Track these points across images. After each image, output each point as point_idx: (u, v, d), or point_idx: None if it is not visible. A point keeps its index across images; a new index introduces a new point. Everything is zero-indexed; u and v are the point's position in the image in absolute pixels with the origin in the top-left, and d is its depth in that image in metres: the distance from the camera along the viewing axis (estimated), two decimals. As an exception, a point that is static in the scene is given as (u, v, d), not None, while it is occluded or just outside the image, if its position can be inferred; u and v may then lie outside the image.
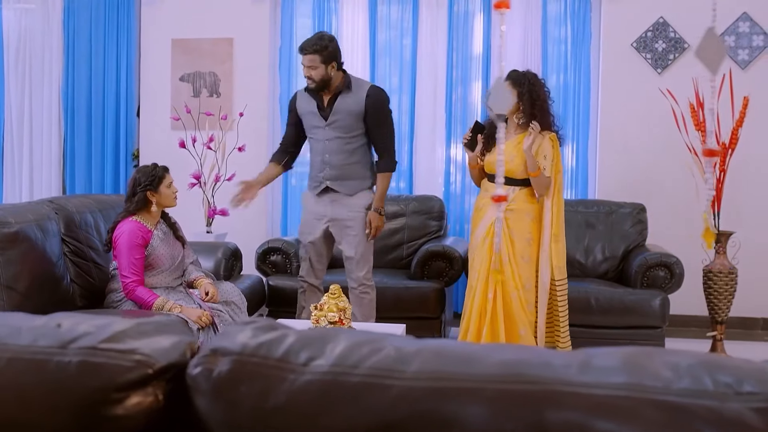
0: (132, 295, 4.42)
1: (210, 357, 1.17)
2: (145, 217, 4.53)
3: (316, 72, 4.80)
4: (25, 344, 1.20)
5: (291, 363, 1.15)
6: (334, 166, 4.92)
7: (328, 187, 4.96)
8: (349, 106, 4.87)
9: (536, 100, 4.74)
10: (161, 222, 4.66)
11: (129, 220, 4.50)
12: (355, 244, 4.94)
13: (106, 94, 6.92)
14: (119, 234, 4.48)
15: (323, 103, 4.92)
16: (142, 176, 4.54)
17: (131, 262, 4.43)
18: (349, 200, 4.94)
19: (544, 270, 4.79)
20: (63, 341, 1.20)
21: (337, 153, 4.91)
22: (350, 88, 4.88)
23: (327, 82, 4.85)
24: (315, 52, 4.80)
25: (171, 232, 4.69)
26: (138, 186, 4.52)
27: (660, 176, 6.37)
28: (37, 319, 1.28)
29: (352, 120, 4.88)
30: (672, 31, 6.38)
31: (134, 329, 1.24)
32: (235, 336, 1.21)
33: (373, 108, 4.88)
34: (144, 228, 4.50)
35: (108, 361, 1.17)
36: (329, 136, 4.91)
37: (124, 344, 1.20)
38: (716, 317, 5.61)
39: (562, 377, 1.08)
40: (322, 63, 4.80)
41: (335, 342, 1.19)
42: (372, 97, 4.89)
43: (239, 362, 1.16)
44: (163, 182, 4.56)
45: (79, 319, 1.28)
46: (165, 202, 4.60)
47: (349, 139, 4.90)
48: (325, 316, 4.07)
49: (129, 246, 4.42)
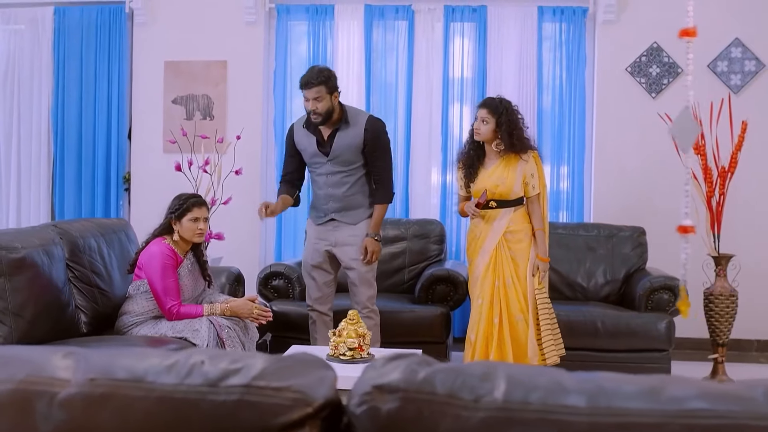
0: (177, 316, 4.42)
1: (374, 394, 1.13)
2: (175, 243, 4.49)
3: (322, 104, 4.77)
4: (173, 383, 1.15)
5: (461, 399, 1.11)
6: (338, 199, 4.94)
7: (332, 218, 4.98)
8: (349, 140, 4.86)
9: (513, 129, 4.82)
10: (190, 254, 4.60)
11: (160, 241, 4.45)
12: (356, 268, 4.92)
13: (97, 116, 6.81)
14: (149, 255, 4.43)
15: (323, 138, 4.90)
16: (175, 202, 4.53)
17: (169, 286, 4.41)
18: (352, 228, 4.96)
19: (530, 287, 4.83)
20: (212, 379, 1.15)
21: (339, 186, 4.92)
22: (348, 122, 4.87)
23: (331, 113, 4.83)
24: (321, 83, 4.77)
25: (198, 267, 4.63)
26: (168, 211, 4.49)
27: (656, 199, 6.42)
28: (172, 356, 1.22)
29: (352, 154, 4.89)
30: (666, 56, 6.46)
31: (279, 365, 1.19)
32: (390, 372, 1.17)
33: (372, 141, 4.89)
34: (174, 251, 4.45)
35: (265, 399, 1.12)
36: (330, 171, 4.91)
37: (278, 381, 1.15)
38: (717, 340, 5.64)
39: (751, 410, 1.05)
40: (327, 93, 4.79)
41: (496, 376, 1.15)
42: (370, 130, 4.90)
43: (407, 399, 1.11)
44: (187, 215, 4.50)
45: (214, 354, 1.23)
46: (185, 234, 4.53)
47: (350, 171, 4.92)
48: (344, 342, 4.02)
49: (163, 267, 4.38)
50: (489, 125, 4.85)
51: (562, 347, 4.93)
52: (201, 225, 4.54)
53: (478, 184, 4.90)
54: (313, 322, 5.07)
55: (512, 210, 4.89)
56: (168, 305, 4.41)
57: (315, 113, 4.79)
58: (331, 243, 4.97)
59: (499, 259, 4.87)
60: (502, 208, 4.88)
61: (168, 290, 4.41)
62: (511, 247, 4.87)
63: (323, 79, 4.78)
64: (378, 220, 4.96)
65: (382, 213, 4.99)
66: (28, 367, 1.20)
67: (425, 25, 6.69)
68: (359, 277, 4.93)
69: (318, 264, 5.01)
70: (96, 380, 1.16)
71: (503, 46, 6.63)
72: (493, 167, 4.89)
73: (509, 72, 6.63)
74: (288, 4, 6.75)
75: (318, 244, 5.00)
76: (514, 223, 4.88)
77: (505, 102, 4.91)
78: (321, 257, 5.00)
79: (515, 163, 4.86)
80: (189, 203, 4.53)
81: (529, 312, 4.82)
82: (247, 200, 6.67)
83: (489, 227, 4.90)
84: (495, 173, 4.86)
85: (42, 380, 1.17)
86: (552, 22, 6.62)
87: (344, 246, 4.94)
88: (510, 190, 4.84)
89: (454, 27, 6.65)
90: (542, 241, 4.84)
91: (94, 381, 1.16)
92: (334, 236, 4.97)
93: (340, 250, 4.96)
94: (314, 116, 4.81)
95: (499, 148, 4.87)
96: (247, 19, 6.73)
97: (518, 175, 4.84)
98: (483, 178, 4.89)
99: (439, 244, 6.17)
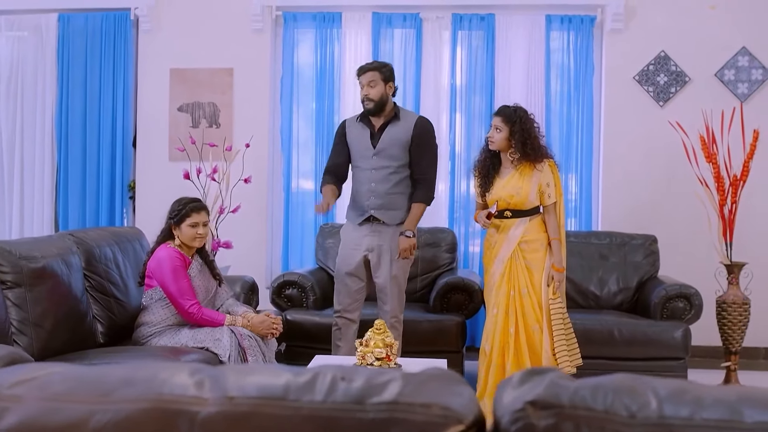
0: (199, 318, 4.37)
1: (529, 411, 1.10)
2: (179, 246, 4.45)
3: (375, 90, 4.80)
4: (318, 401, 1.11)
5: (617, 415, 1.08)
6: (380, 195, 4.88)
7: (371, 216, 4.90)
8: (398, 135, 4.86)
9: (527, 138, 4.79)
10: (197, 256, 4.54)
11: (166, 246, 4.41)
12: (388, 272, 4.87)
13: (102, 124, 6.74)
14: (158, 261, 4.38)
15: (374, 130, 4.90)
16: (174, 207, 4.48)
17: (183, 287, 4.36)
18: (390, 230, 4.88)
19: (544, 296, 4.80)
20: (357, 396, 1.12)
21: (382, 182, 4.87)
22: (399, 118, 4.90)
23: (383, 104, 4.85)
24: (375, 69, 4.85)
25: (207, 268, 4.58)
26: (168, 216, 4.45)
27: (665, 207, 6.44)
28: (305, 372, 1.19)
29: (399, 150, 4.87)
30: (673, 65, 6.48)
31: (417, 381, 1.16)
32: (534, 388, 1.14)
33: (420, 138, 4.88)
34: (181, 253, 4.41)
35: (415, 417, 1.09)
36: (375, 165, 4.88)
37: (423, 398, 1.12)
38: (730, 347, 5.65)
39: None
40: (382, 80, 4.82)
41: (645, 390, 1.13)
42: (419, 127, 4.90)
43: (563, 415, 1.08)
44: (186, 220, 4.45)
45: (348, 371, 1.19)
46: (185, 239, 4.48)
47: (395, 168, 4.88)
48: (372, 353, 3.98)
49: (173, 270, 4.33)
50: (502, 133, 4.82)
51: (579, 357, 4.89)
52: (200, 230, 4.47)
53: (493, 193, 4.88)
54: (338, 328, 4.98)
55: (528, 220, 4.86)
56: (186, 306, 4.35)
57: (368, 99, 4.82)
58: (367, 248, 4.92)
59: (514, 268, 4.84)
60: (518, 218, 4.86)
61: (183, 291, 4.36)
62: (526, 256, 4.84)
63: (377, 66, 4.88)
64: (414, 218, 4.87)
65: (420, 213, 4.91)
66: (158, 386, 1.16)
67: (433, 33, 6.68)
68: (389, 284, 4.86)
69: (352, 271, 4.95)
70: (235, 399, 1.12)
71: (511, 55, 6.63)
72: (509, 177, 4.86)
73: (517, 80, 6.62)
74: (295, 12, 6.72)
75: (355, 250, 4.94)
76: (529, 233, 4.85)
77: (520, 110, 4.88)
78: (356, 264, 4.93)
79: (530, 172, 4.83)
80: (188, 208, 4.48)
81: (544, 321, 4.79)
82: (254, 208, 6.63)
83: (504, 236, 4.87)
84: (510, 183, 4.83)
85: (179, 399, 1.13)
86: (560, 31, 6.63)
87: (381, 252, 4.87)
88: (525, 199, 4.81)
89: (461, 35, 6.64)
90: (558, 250, 4.81)
91: (234, 400, 1.12)
92: (371, 241, 4.90)
93: (375, 256, 4.89)
94: (367, 102, 4.83)
95: (514, 156, 4.85)
96: (254, 26, 6.69)
97: (533, 185, 4.80)
98: (498, 187, 4.86)
99: (450, 252, 6.15)
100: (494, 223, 4.91)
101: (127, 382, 1.19)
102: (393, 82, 4.89)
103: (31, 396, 1.19)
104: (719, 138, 5.81)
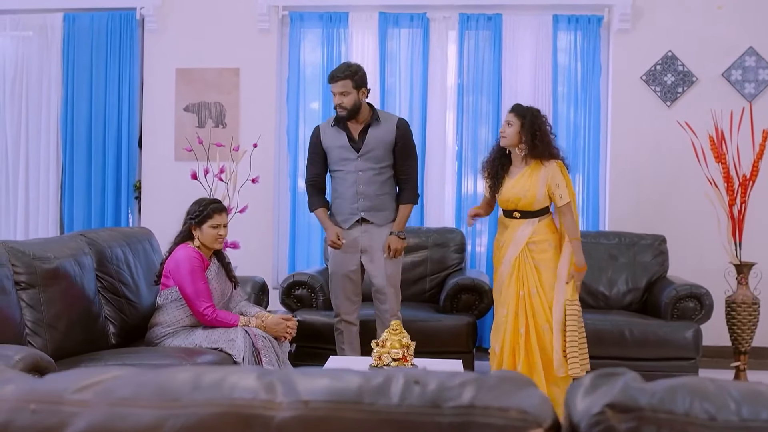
0: (213, 320, 4.36)
1: (608, 414, 1.09)
2: (200, 247, 4.44)
3: (347, 99, 4.79)
4: (394, 404, 1.10)
5: (697, 418, 1.07)
6: (370, 197, 4.90)
7: (361, 218, 4.92)
8: (381, 136, 4.88)
9: (536, 132, 4.77)
10: (213, 258, 4.53)
11: (186, 246, 4.40)
12: (383, 272, 4.89)
13: (107, 124, 6.70)
14: (176, 261, 4.36)
15: (353, 134, 4.87)
16: (194, 208, 4.46)
17: (200, 289, 4.36)
18: (380, 230, 4.92)
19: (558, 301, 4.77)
20: (432, 400, 1.11)
21: (369, 184, 4.89)
22: (379, 120, 4.91)
23: (357, 110, 4.84)
24: (347, 77, 4.81)
25: (224, 270, 4.57)
26: (187, 216, 4.44)
27: (671, 207, 6.44)
28: (376, 375, 1.17)
29: (383, 151, 4.89)
30: (680, 65, 6.48)
31: (489, 384, 1.15)
32: (610, 390, 1.13)
33: (403, 139, 4.94)
34: (201, 255, 4.40)
35: (493, 420, 1.08)
36: (361, 168, 4.88)
37: (499, 402, 1.11)
38: (739, 347, 5.66)
39: None
40: (354, 89, 4.81)
41: (720, 392, 1.12)
42: (402, 128, 4.95)
43: (643, 418, 1.07)
44: (208, 221, 4.45)
45: (416, 373, 1.18)
46: (205, 241, 4.47)
47: (380, 169, 4.90)
48: (388, 353, 3.97)
49: (191, 271, 4.32)
50: (513, 127, 4.81)
51: (587, 362, 4.86)
52: (221, 231, 4.49)
53: (502, 194, 4.87)
54: (339, 332, 5.02)
55: (536, 220, 4.84)
56: (202, 308, 4.35)
57: (340, 107, 4.81)
58: (362, 248, 4.93)
59: (522, 268, 4.82)
60: (526, 219, 4.84)
61: (199, 293, 4.36)
62: (535, 257, 4.82)
63: (349, 74, 4.81)
64: (402, 219, 4.95)
65: (407, 213, 4.99)
66: (227, 390, 1.15)
67: (440, 33, 6.67)
68: (386, 283, 4.89)
69: (348, 274, 4.96)
70: (310, 403, 1.11)
71: (518, 55, 6.62)
72: (518, 177, 4.84)
73: (524, 80, 6.62)
74: (302, 12, 6.70)
75: (349, 252, 4.94)
76: (538, 234, 4.83)
77: (534, 109, 4.90)
78: (351, 267, 4.95)
79: (538, 170, 4.82)
80: (210, 209, 4.48)
81: (554, 321, 4.77)
82: (261, 208, 6.61)
83: (512, 236, 4.86)
84: (519, 184, 4.81)
85: (251, 404, 1.12)
86: (567, 31, 6.63)
87: (374, 252, 4.91)
88: (533, 201, 4.79)
89: (468, 35, 6.63)
90: (579, 250, 4.80)
91: (309, 404, 1.11)
92: (363, 241, 4.93)
93: (368, 257, 4.92)
94: (340, 110, 4.83)
95: (522, 151, 4.83)
96: (261, 26, 6.67)
97: (541, 184, 4.78)
98: (507, 188, 4.85)
99: (459, 252, 6.14)
100: (503, 223, 4.91)
101: (194, 386, 1.18)
102: (365, 87, 4.88)
103: (98, 401, 1.17)
104: (728, 138, 5.81)
